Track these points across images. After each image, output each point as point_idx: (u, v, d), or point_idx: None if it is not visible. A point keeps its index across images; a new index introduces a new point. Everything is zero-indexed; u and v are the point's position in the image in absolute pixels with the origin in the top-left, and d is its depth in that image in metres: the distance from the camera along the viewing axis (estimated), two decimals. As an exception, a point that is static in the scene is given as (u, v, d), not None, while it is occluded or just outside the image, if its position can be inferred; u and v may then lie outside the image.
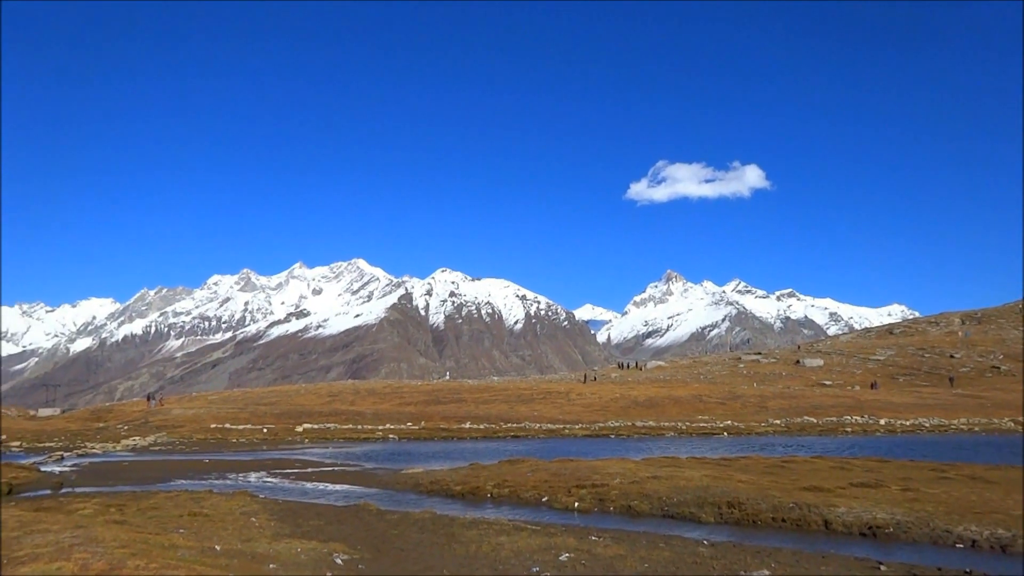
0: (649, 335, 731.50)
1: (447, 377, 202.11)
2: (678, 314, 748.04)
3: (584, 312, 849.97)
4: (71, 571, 8.41)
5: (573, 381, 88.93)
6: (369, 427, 48.48)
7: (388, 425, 49.24)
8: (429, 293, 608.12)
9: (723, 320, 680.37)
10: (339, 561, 11.51)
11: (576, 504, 17.86)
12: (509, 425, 49.11)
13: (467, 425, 49.44)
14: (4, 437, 41.55)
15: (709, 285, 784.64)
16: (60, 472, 25.79)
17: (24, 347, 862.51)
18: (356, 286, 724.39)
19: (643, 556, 11.82)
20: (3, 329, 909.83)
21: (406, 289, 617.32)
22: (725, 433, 44.36)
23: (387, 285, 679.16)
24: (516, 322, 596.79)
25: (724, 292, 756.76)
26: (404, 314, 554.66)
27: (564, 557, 11.77)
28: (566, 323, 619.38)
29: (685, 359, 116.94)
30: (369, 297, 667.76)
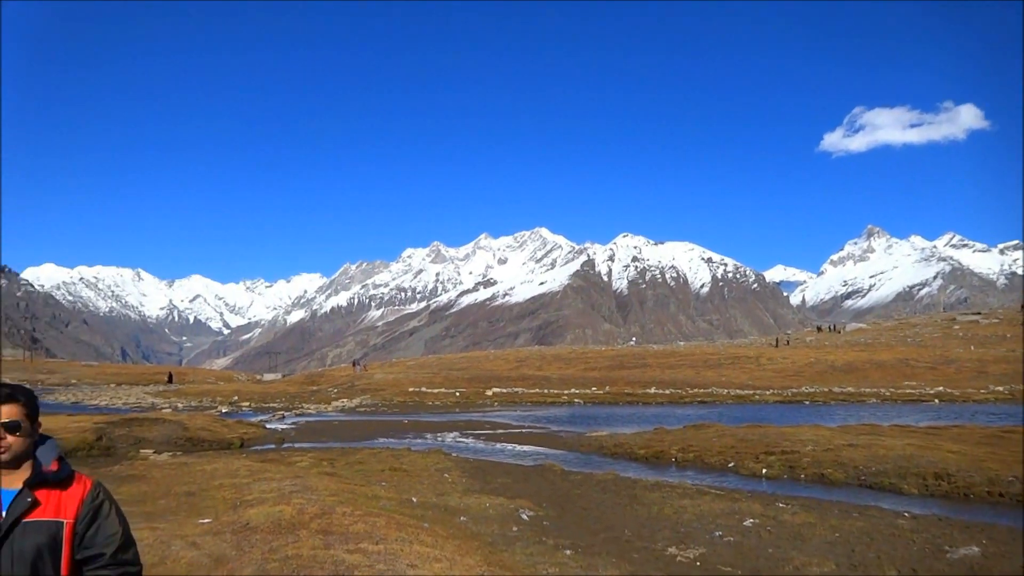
0: (848, 296, 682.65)
1: (632, 342, 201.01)
2: (881, 272, 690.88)
3: (775, 273, 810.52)
4: (290, 514, 9.47)
5: (764, 345, 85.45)
6: (555, 391, 49.58)
7: (573, 389, 50.09)
8: (611, 259, 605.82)
9: (934, 278, 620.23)
10: (525, 517, 12.01)
11: (764, 471, 17.33)
12: (695, 390, 48.26)
13: (652, 390, 49.18)
14: (236, 398, 46.95)
15: (917, 240, 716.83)
16: (281, 429, 28.77)
17: (249, 319, 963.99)
18: (539, 254, 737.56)
19: (834, 525, 11.30)
20: (232, 303, 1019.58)
21: (588, 256, 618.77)
22: (936, 400, 40.86)
23: (569, 252, 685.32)
24: (702, 285, 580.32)
25: (935, 247, 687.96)
26: (587, 280, 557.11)
27: (749, 523, 11.52)
28: (756, 285, 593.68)
29: (889, 321, 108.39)
30: (552, 265, 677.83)
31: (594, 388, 50.62)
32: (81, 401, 43.66)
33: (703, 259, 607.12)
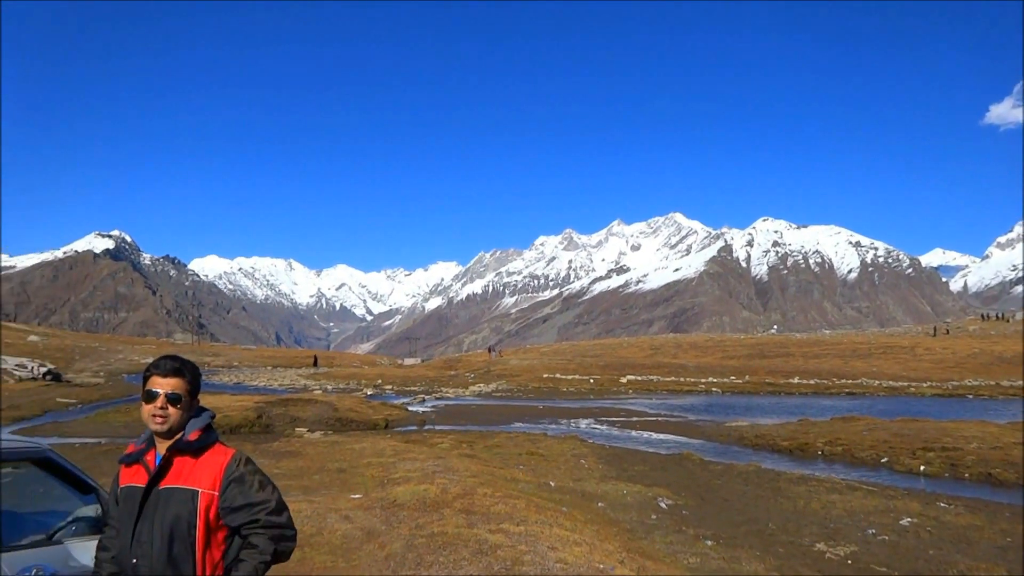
0: (1018, 282, 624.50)
1: (773, 331, 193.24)
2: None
3: (933, 258, 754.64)
4: (434, 493, 9.83)
5: (919, 335, 79.79)
6: (691, 380, 48.56)
7: (711, 378, 48.86)
8: (750, 244, 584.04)
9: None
10: (663, 505, 11.87)
11: (922, 467, 16.24)
12: (843, 381, 45.82)
13: (795, 380, 47.13)
14: (380, 381, 49.11)
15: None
16: (423, 412, 29.85)
17: (390, 306, 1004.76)
18: (674, 240, 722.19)
19: (1005, 529, 10.44)
20: (374, 291, 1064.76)
21: (725, 241, 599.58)
22: (1125, 396, 36.74)
23: (705, 238, 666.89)
24: (849, 271, 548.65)
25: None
26: (724, 266, 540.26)
27: (905, 522, 10.85)
28: (910, 271, 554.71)
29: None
30: (687, 251, 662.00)
31: (732, 377, 49.14)
32: (242, 382, 47.04)
33: (850, 243, 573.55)
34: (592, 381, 49.06)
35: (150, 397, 2.48)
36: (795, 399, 39.42)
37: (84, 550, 3.20)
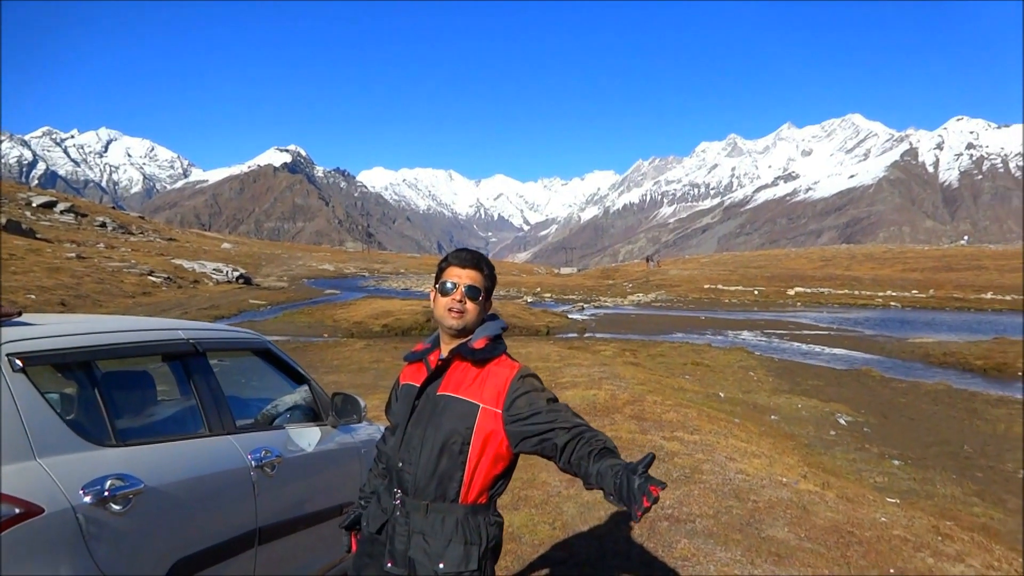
0: None
1: (963, 241, 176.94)
2: None
3: None
4: (604, 398, 9.85)
5: None
6: (867, 293, 45.63)
7: (889, 292, 45.67)
8: (939, 147, 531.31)
9: None
10: (842, 421, 11.30)
11: None
12: (1046, 297, 41.33)
13: (988, 295, 43.07)
14: (539, 289, 49.92)
15: None
16: (582, 320, 30.07)
17: (546, 216, 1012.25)
18: (850, 144, 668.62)
19: None
20: (530, 201, 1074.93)
21: (910, 144, 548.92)
22: None
23: (887, 141, 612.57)
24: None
25: None
26: (907, 172, 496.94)
27: None
28: None
29: None
30: (865, 155, 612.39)
31: (914, 291, 45.65)
32: (409, 288, 49.38)
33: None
34: (756, 293, 47.30)
35: (446, 290, 2.25)
36: (988, 316, 36.10)
37: (300, 436, 3.37)
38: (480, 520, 2.20)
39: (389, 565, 2.21)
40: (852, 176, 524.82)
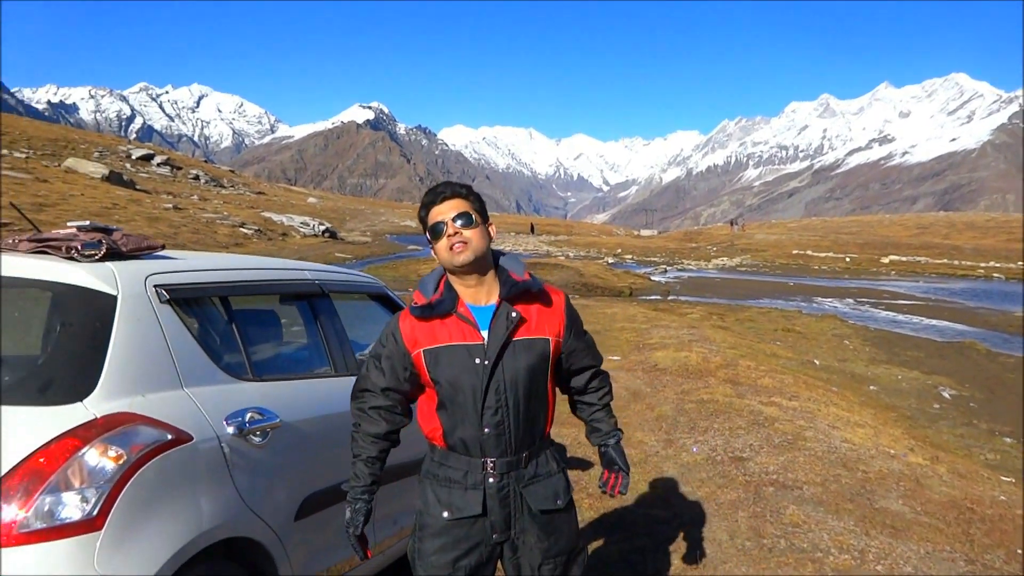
0: None
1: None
2: None
3: None
4: (695, 361, 9.66)
5: None
6: (967, 263, 43.32)
7: (992, 263, 43.24)
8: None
9: None
10: (946, 395, 10.78)
11: None
12: None
13: (1104, 269, 40.26)
14: (620, 250, 49.39)
15: None
16: (665, 282, 29.62)
17: (626, 177, 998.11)
18: (953, 105, 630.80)
19: None
20: (611, 161, 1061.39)
21: (1019, 105, 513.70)
22: None
23: (994, 102, 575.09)
24: None
25: None
26: (1015, 136, 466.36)
27: None
28: None
29: None
30: (969, 118, 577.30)
31: (1021, 262, 43.04)
32: (489, 246, 49.53)
33: None
34: (848, 260, 45.53)
35: (438, 231, 2.05)
36: (1103, 291, 33.76)
37: None
38: (552, 444, 2.29)
39: (495, 536, 2.10)
40: (953, 139, 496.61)
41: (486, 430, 2.06)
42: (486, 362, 2.04)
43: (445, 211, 2.07)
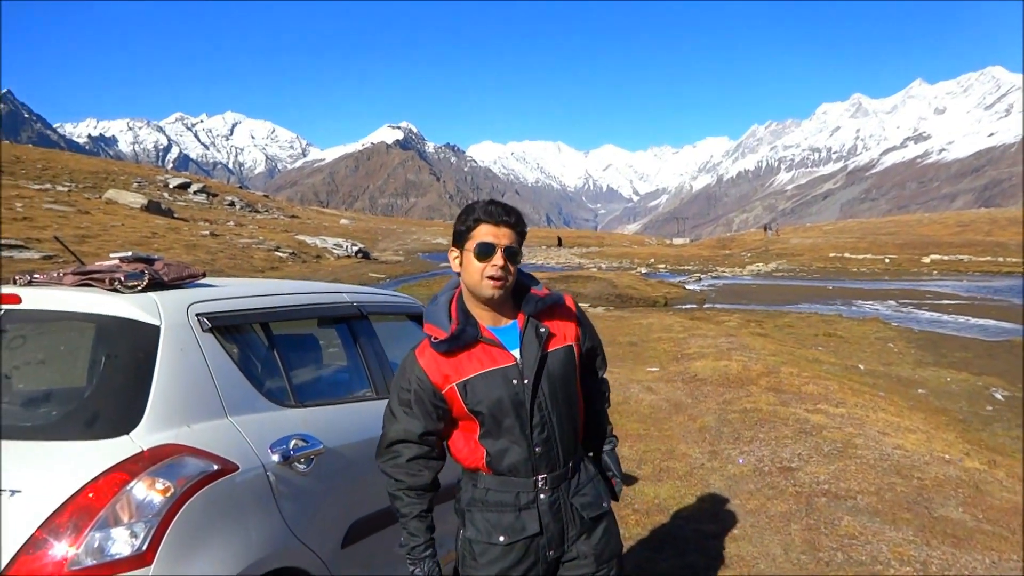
0: None
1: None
2: None
3: None
4: (736, 369, 9.50)
5: None
6: (1012, 260, 42.22)
7: (1038, 258, 42.07)
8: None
9: None
10: (999, 396, 10.45)
11: None
12: None
13: None
14: (653, 260, 49.05)
15: None
16: (700, 290, 29.30)
17: (656, 186, 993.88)
18: (990, 99, 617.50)
19: None
20: (640, 171, 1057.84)
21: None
22: None
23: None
24: None
25: None
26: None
27: None
28: None
29: None
30: (1007, 112, 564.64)
31: (1068, 257, 41.84)
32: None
33: None
34: (887, 261, 44.68)
35: (484, 253, 1.93)
36: None
37: None
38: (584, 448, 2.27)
39: (551, 553, 2.05)
40: (991, 135, 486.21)
41: (536, 449, 2.01)
42: (526, 380, 1.99)
43: (500, 237, 1.97)
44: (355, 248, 42.36)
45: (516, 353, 2.01)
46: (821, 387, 8.67)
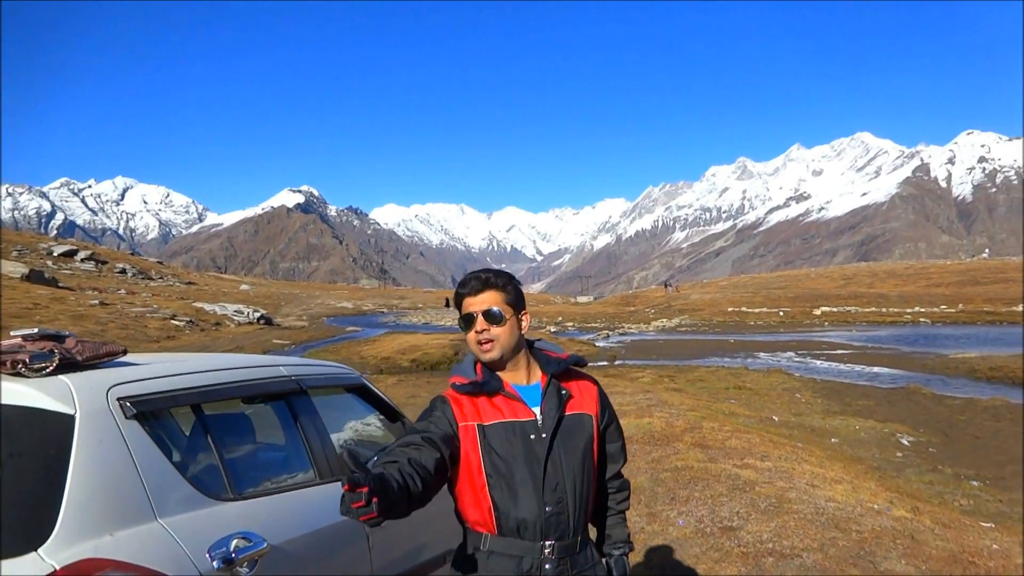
0: None
1: (985, 255, 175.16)
2: None
3: None
4: (659, 426, 9.48)
5: None
6: (894, 310, 44.97)
7: (917, 308, 44.97)
8: (951, 162, 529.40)
9: None
10: (905, 442, 10.85)
11: None
12: (1080, 307, 40.50)
13: (1019, 307, 42.28)
14: (560, 318, 49.53)
15: None
16: (610, 347, 29.66)
17: (558, 246, 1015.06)
18: (861, 162, 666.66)
19: None
20: (542, 231, 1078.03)
21: (921, 160, 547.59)
22: None
23: (897, 158, 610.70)
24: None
25: None
26: (920, 188, 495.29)
27: None
28: None
29: None
30: (877, 173, 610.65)
31: (943, 306, 44.92)
32: (430, 322, 49.13)
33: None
34: (782, 314, 46.72)
35: (468, 322, 2.06)
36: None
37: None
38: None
39: None
40: (864, 194, 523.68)
41: (547, 508, 1.97)
42: (544, 435, 2.01)
43: (476, 304, 2.07)
44: (257, 314, 40.90)
45: (536, 410, 2.05)
46: (744, 441, 8.74)
